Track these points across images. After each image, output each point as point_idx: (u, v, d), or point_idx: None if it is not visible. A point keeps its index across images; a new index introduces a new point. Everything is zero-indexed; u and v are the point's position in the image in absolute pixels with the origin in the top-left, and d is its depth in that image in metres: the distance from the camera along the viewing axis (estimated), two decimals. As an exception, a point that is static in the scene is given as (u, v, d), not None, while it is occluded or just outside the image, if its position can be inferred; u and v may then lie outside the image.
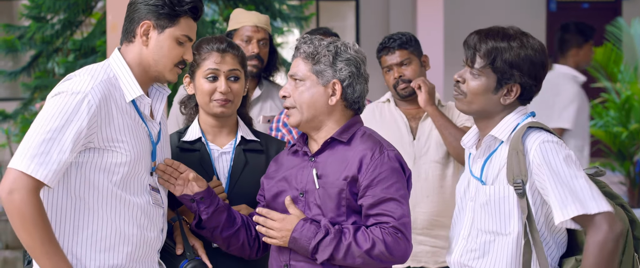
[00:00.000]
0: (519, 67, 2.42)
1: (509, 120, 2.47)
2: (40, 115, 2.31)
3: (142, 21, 2.42)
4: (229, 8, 6.43)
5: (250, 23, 3.80)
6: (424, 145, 3.60)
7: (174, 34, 2.43)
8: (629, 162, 8.57)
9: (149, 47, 2.43)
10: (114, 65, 2.44)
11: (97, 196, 2.37)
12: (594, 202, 2.32)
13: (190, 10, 2.44)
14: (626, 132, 8.52)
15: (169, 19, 2.42)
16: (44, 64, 6.74)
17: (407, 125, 3.64)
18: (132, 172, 2.40)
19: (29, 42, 6.71)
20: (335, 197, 2.52)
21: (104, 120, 2.34)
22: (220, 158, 2.85)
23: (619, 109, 8.61)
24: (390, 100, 3.72)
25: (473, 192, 2.52)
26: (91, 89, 2.32)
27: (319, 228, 2.49)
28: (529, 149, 2.39)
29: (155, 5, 2.41)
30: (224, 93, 2.76)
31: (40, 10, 6.64)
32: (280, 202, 2.59)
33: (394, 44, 3.61)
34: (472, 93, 2.46)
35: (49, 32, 6.65)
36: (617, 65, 8.96)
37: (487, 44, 2.43)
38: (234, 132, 2.88)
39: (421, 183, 3.56)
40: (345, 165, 2.52)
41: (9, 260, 6.26)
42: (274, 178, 2.65)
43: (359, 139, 2.57)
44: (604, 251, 2.30)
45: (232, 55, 2.80)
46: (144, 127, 2.45)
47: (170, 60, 2.44)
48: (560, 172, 2.34)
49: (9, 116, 6.82)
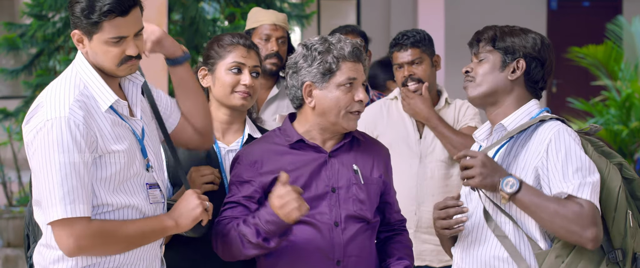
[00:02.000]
0: (522, 44, 2.47)
1: (522, 112, 2.47)
2: (39, 160, 2.25)
3: (72, 31, 2.35)
4: (230, 6, 6.42)
5: (269, 21, 3.79)
6: (430, 144, 3.59)
7: (101, 39, 2.32)
8: (629, 159, 8.54)
9: (88, 53, 2.36)
10: (82, 73, 2.36)
11: (94, 202, 2.33)
12: (594, 195, 2.31)
13: (109, 12, 2.30)
14: (627, 130, 8.50)
15: (92, 27, 2.31)
16: (45, 62, 6.71)
17: (413, 124, 3.64)
18: (127, 174, 2.35)
19: (30, 40, 6.67)
20: (375, 194, 2.65)
21: (97, 132, 2.29)
22: (227, 156, 2.83)
23: (619, 107, 8.60)
24: (398, 97, 3.70)
25: None
26: (69, 110, 2.26)
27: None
28: (544, 136, 2.38)
29: (75, 17, 2.31)
30: (248, 86, 2.78)
31: (41, 9, 6.59)
32: (305, 197, 2.52)
33: (407, 41, 3.59)
34: (480, 75, 2.49)
35: (50, 30, 6.60)
36: (617, 63, 8.95)
37: (488, 31, 2.51)
38: (241, 130, 2.88)
39: (427, 182, 3.57)
40: (372, 163, 2.67)
41: (10, 257, 6.27)
42: (284, 171, 2.54)
43: (365, 139, 2.72)
44: (573, 223, 2.28)
45: (255, 53, 2.84)
46: (128, 127, 2.39)
47: (111, 61, 2.35)
48: (578, 155, 2.34)
49: (10, 114, 6.78)
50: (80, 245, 2.26)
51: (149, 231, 2.37)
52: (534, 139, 2.40)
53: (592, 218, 2.28)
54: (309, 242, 2.56)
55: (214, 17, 6.66)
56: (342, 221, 2.58)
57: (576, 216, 2.28)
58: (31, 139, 2.27)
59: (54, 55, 6.71)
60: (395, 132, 3.63)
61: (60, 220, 2.23)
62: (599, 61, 8.99)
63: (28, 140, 2.29)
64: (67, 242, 2.25)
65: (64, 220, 2.23)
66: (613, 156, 2.45)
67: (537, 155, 2.37)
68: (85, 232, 2.25)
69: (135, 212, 2.37)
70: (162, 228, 2.39)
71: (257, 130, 2.91)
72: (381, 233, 2.76)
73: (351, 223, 2.59)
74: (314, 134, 2.64)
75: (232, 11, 6.32)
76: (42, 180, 2.25)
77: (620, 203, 2.36)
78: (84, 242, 2.26)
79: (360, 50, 2.63)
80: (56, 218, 2.23)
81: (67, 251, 2.27)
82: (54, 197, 2.23)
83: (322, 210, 2.58)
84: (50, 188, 2.23)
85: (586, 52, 9.00)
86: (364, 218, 2.61)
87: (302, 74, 2.60)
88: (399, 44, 3.61)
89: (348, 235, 2.59)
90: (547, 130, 2.39)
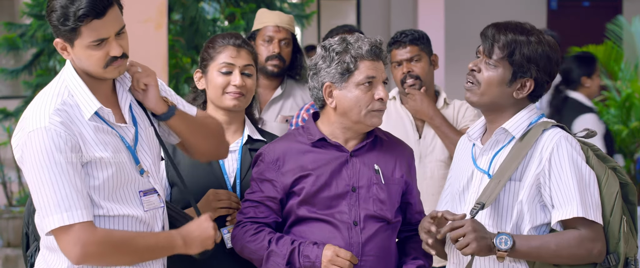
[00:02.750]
0: (536, 62, 2.38)
1: (522, 117, 2.43)
2: (29, 171, 2.24)
3: (54, 41, 2.32)
4: (230, 6, 6.41)
5: (272, 23, 3.79)
6: (430, 144, 3.60)
7: (82, 44, 2.28)
8: (629, 159, 8.53)
9: (74, 60, 2.33)
10: (68, 81, 2.34)
11: (95, 212, 2.30)
12: (598, 212, 2.34)
13: (84, 16, 2.24)
14: (627, 129, 8.50)
15: (70, 33, 2.27)
16: (45, 62, 6.72)
17: (412, 124, 3.64)
18: (119, 182, 2.31)
19: (30, 40, 6.67)
20: (396, 194, 2.63)
21: (79, 140, 2.25)
22: (228, 156, 2.81)
23: (619, 107, 8.59)
24: (396, 97, 3.70)
25: (477, 185, 2.46)
26: (49, 120, 2.23)
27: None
28: (546, 144, 2.36)
29: (53, 25, 2.28)
30: (238, 86, 2.75)
31: (41, 9, 6.59)
32: (324, 196, 2.56)
33: (406, 39, 3.59)
34: (486, 83, 2.42)
35: (50, 30, 6.59)
36: (617, 63, 8.97)
37: (507, 36, 2.39)
38: (240, 131, 2.87)
39: (427, 182, 3.57)
40: (394, 163, 2.66)
41: (10, 257, 6.27)
42: (307, 169, 2.58)
43: (388, 139, 2.73)
44: (577, 248, 2.31)
45: (247, 51, 2.80)
46: (115, 133, 2.34)
47: (96, 65, 2.31)
48: (581, 170, 2.35)
49: (10, 114, 6.78)
50: (87, 252, 2.23)
51: (159, 248, 2.37)
52: (536, 147, 2.37)
53: (594, 236, 2.32)
54: (328, 240, 2.56)
55: (214, 17, 6.66)
56: (361, 220, 2.58)
57: (578, 242, 2.31)
58: (20, 154, 2.27)
59: (54, 55, 6.71)
60: (394, 131, 3.58)
61: (59, 228, 2.21)
62: (599, 61, 8.98)
63: (18, 156, 2.28)
64: (73, 250, 2.22)
65: (63, 228, 2.21)
66: (608, 160, 2.44)
67: (539, 164, 2.35)
68: (91, 239, 2.22)
69: (134, 221, 2.34)
70: (171, 248, 2.39)
71: (256, 131, 2.89)
72: (402, 233, 2.76)
73: (370, 222, 2.59)
74: (337, 133, 2.65)
75: (232, 11, 6.31)
76: (35, 192, 2.23)
77: (616, 209, 2.37)
78: (91, 249, 2.23)
79: (380, 48, 2.62)
80: (54, 226, 2.21)
81: (75, 259, 2.24)
82: (49, 207, 2.21)
83: (341, 209, 2.58)
84: (44, 199, 2.21)
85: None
86: (384, 218, 2.61)
87: (321, 75, 2.61)
88: (398, 42, 3.61)
89: (367, 234, 2.58)
90: (548, 139, 2.37)
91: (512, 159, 2.38)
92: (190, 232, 2.41)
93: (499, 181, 2.37)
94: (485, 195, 2.38)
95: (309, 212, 2.58)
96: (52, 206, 2.20)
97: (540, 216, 2.37)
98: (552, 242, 2.32)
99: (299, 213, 2.59)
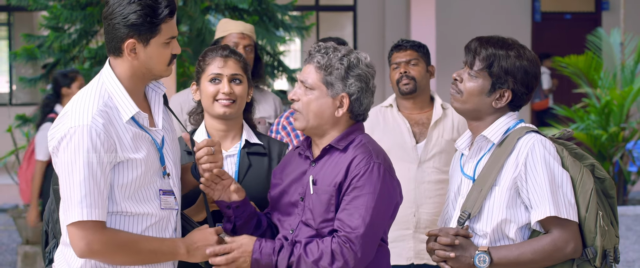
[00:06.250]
0: (513, 75, 2.44)
1: (500, 123, 2.48)
2: (62, 165, 2.25)
3: (125, 41, 2.29)
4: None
5: (237, 30, 3.83)
6: (429, 151, 3.59)
7: (159, 42, 2.30)
8: (608, 162, 8.57)
9: (139, 61, 2.32)
10: (108, 84, 2.33)
11: (110, 209, 2.33)
12: (570, 210, 2.38)
13: (170, 14, 2.30)
14: (606, 134, 8.53)
15: (151, 31, 2.28)
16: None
17: (409, 130, 3.63)
18: (144, 181, 2.34)
19: (47, 51, 6.75)
20: (325, 203, 2.46)
21: (116, 141, 2.28)
22: (226, 161, 2.82)
23: (599, 113, 8.63)
24: (393, 105, 3.71)
25: (464, 190, 2.53)
26: (92, 119, 2.24)
27: (273, 243, 2.45)
28: (521, 149, 2.41)
29: (133, 24, 2.26)
30: (226, 94, 2.76)
31: (58, 21, 6.66)
32: (284, 203, 2.57)
33: (407, 44, 3.64)
34: (467, 92, 2.48)
35: (66, 41, 6.68)
36: (597, 72, 8.97)
37: (487, 49, 2.46)
38: (239, 136, 2.87)
39: (425, 186, 3.57)
40: (336, 172, 2.47)
41: (29, 254, 6.21)
42: (280, 176, 2.62)
43: (353, 148, 2.50)
44: (554, 251, 2.37)
45: (234, 60, 2.82)
46: (148, 136, 2.37)
47: (163, 63, 2.36)
48: (553, 172, 2.39)
49: (29, 120, 6.82)
50: (91, 249, 2.24)
51: (161, 253, 2.35)
52: (513, 152, 2.43)
53: (566, 236, 2.37)
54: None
55: (219, 28, 6.69)
56: (296, 228, 2.55)
57: (552, 245, 2.37)
58: (56, 145, 2.26)
59: (69, 64, 6.77)
60: (391, 138, 3.62)
61: (77, 222, 2.22)
62: (580, 70, 9.03)
63: (53, 146, 2.27)
64: (79, 244, 2.24)
65: (80, 223, 2.22)
66: (585, 158, 2.48)
67: (516, 168, 2.40)
68: (98, 238, 2.23)
69: (148, 218, 2.35)
70: (173, 254, 2.38)
71: (254, 136, 2.90)
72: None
73: (303, 231, 2.54)
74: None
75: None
76: (64, 183, 2.24)
77: (591, 205, 2.40)
78: (96, 247, 2.24)
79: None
80: (74, 220, 2.22)
81: (79, 252, 2.25)
82: (74, 199, 2.22)
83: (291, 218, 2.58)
84: (70, 191, 2.23)
85: (568, 61, 9.04)
86: (310, 226, 2.52)
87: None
88: (399, 46, 3.64)
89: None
90: (524, 143, 2.42)
91: (491, 165, 2.44)
92: (194, 242, 2.40)
93: (481, 189, 2.43)
94: (470, 204, 2.45)
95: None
96: (76, 200, 2.21)
97: (524, 216, 2.43)
98: (528, 250, 2.38)
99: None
